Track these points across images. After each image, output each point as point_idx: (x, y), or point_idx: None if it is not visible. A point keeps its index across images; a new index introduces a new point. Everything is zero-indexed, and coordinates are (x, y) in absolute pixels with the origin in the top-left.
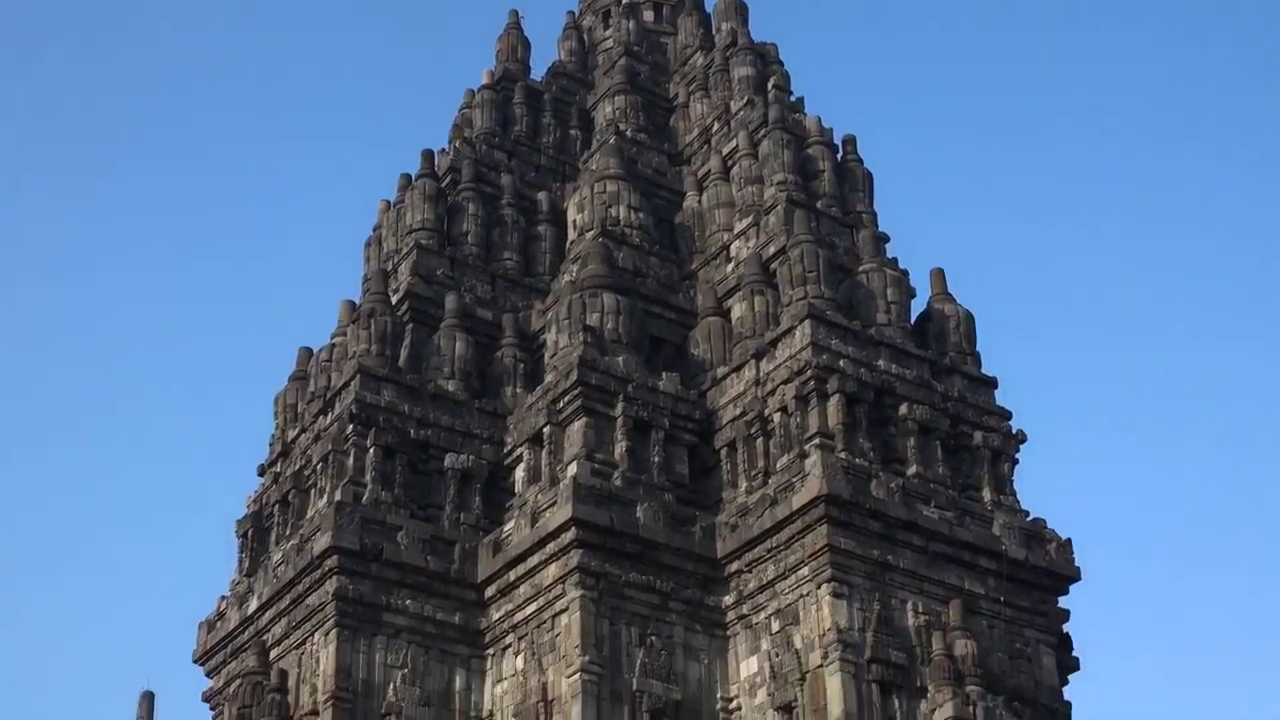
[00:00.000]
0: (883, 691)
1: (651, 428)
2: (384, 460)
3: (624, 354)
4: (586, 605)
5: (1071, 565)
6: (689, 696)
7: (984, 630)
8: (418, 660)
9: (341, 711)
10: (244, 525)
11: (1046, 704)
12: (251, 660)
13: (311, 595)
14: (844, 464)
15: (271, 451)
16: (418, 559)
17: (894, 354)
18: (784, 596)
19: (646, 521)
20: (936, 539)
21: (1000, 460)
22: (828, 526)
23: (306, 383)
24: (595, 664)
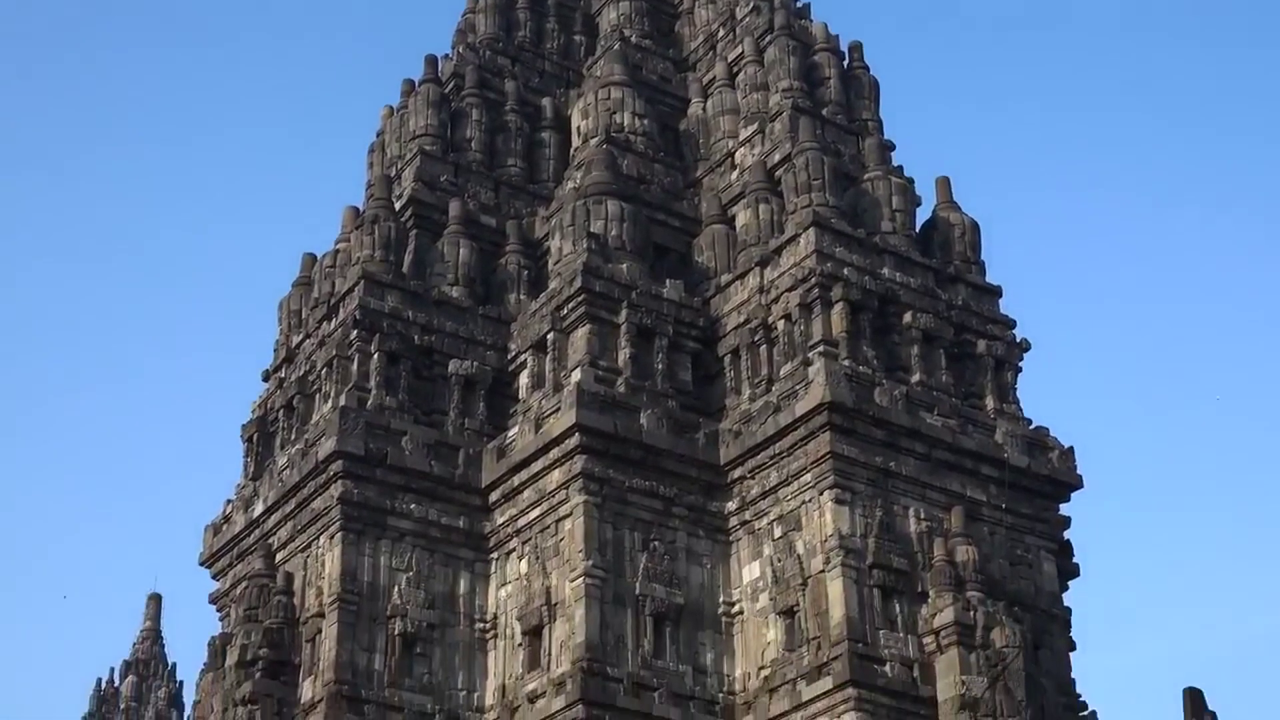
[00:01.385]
0: (884, 596)
1: (655, 335)
2: (388, 366)
3: (628, 261)
4: (590, 510)
5: (1073, 473)
6: (691, 600)
7: (985, 537)
8: (422, 564)
9: (347, 613)
10: (249, 430)
11: (1046, 609)
12: (257, 563)
13: (316, 499)
14: (847, 371)
15: (276, 357)
16: (422, 464)
17: (898, 262)
18: (786, 502)
19: (650, 428)
20: (939, 446)
21: (1003, 368)
22: (831, 433)
23: (310, 288)
24: (598, 568)
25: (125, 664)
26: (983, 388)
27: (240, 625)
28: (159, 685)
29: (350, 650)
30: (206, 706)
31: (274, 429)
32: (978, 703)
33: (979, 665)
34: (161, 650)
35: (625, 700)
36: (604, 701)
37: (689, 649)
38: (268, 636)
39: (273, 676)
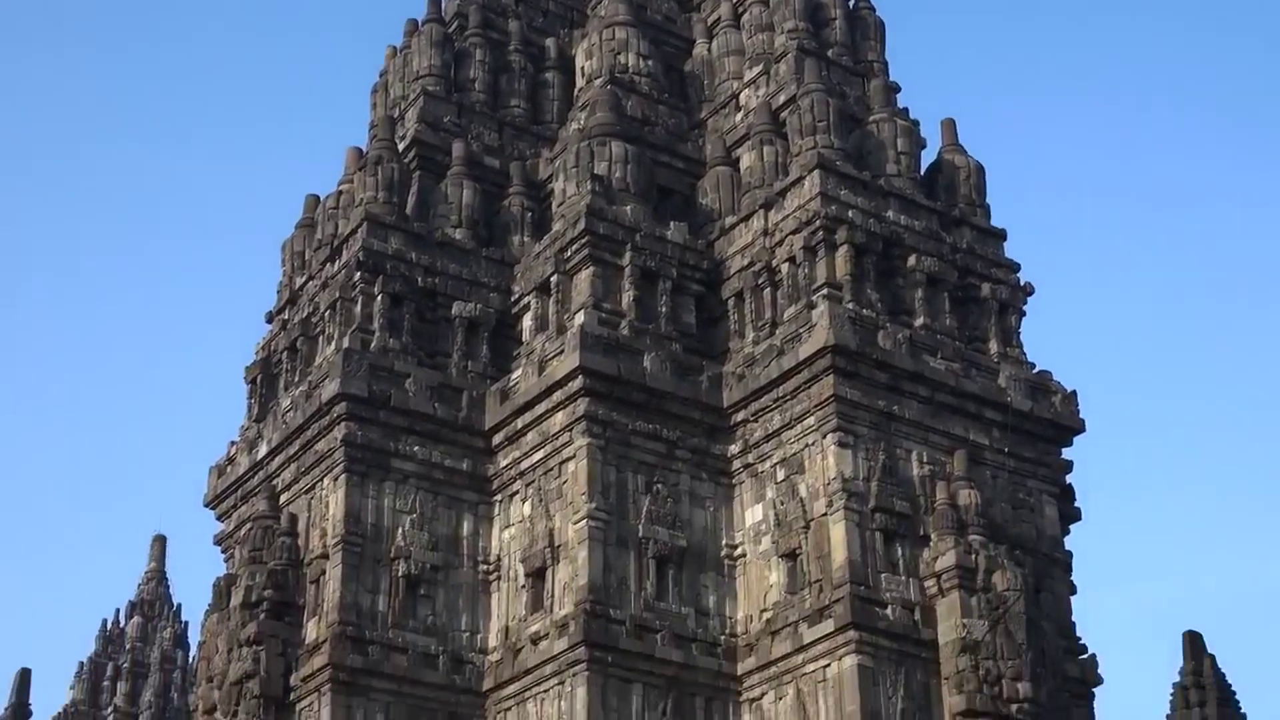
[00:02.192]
0: (886, 539)
1: (659, 277)
2: (391, 308)
3: (632, 203)
4: (593, 453)
5: (1076, 417)
6: (694, 543)
7: (987, 480)
8: (426, 506)
9: (351, 555)
10: (253, 371)
11: (1048, 553)
12: (262, 504)
13: (320, 441)
14: (851, 315)
15: (279, 298)
16: (425, 406)
17: (903, 205)
18: (789, 446)
19: (653, 370)
20: (942, 390)
21: (1007, 312)
22: (834, 376)
23: (314, 230)
24: (602, 510)
25: (130, 605)
26: (986, 331)
27: (245, 566)
28: (164, 626)
29: (354, 591)
30: (211, 647)
31: (277, 371)
32: (978, 645)
33: (980, 608)
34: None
35: (627, 642)
36: (606, 643)
37: (691, 591)
38: (272, 578)
39: (277, 617)
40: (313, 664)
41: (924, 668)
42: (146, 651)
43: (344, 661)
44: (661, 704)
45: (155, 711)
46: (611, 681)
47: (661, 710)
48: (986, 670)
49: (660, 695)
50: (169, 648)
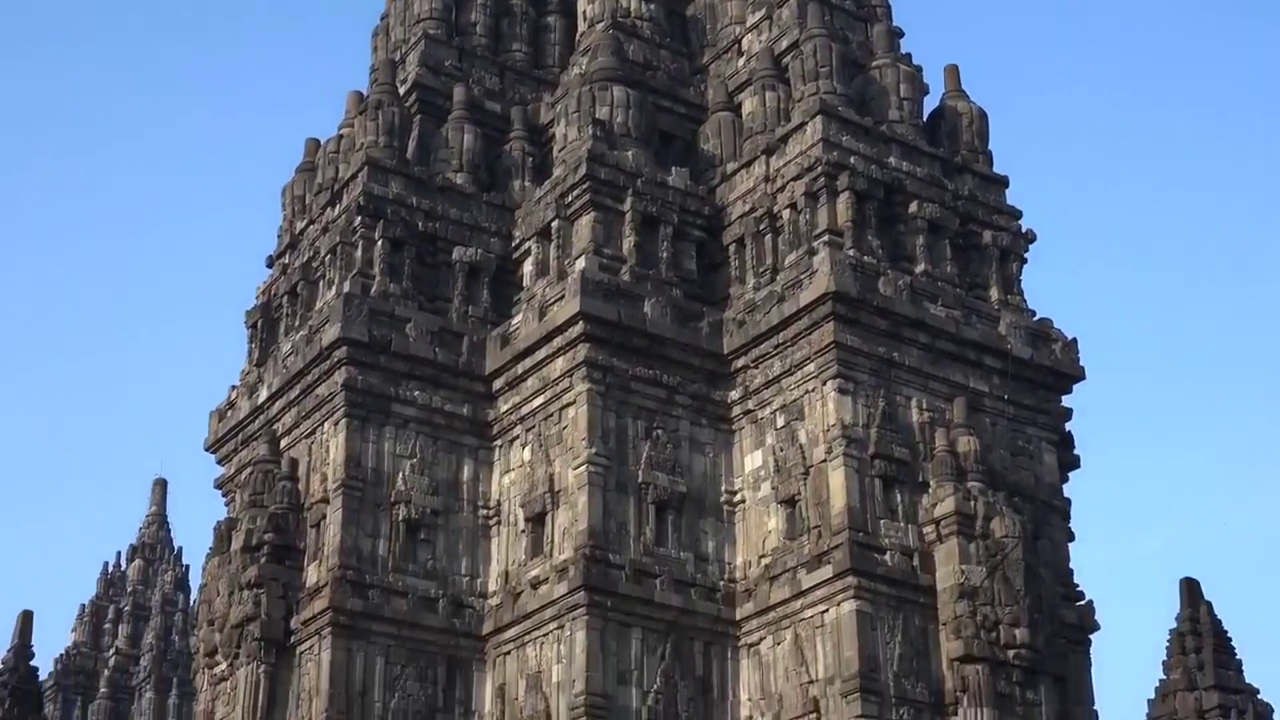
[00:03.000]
0: (885, 486)
1: (660, 223)
2: (392, 252)
3: (633, 148)
4: (593, 398)
5: (1075, 364)
6: (694, 489)
7: (987, 427)
8: (426, 450)
9: (351, 499)
10: (253, 316)
11: (1046, 500)
12: (262, 449)
13: (321, 385)
14: (852, 261)
15: (280, 243)
16: (426, 351)
17: (905, 151)
18: (789, 392)
19: (654, 316)
20: (943, 337)
21: (1009, 259)
22: (834, 323)
23: (314, 174)
24: (601, 456)
25: (132, 548)
26: (987, 278)
27: (245, 510)
28: (165, 569)
29: (354, 535)
30: (212, 590)
31: (278, 315)
32: (976, 591)
33: (978, 555)
34: (167, 535)
35: (627, 587)
36: (606, 588)
37: (690, 537)
38: (272, 521)
39: (278, 561)
40: (313, 607)
41: (922, 613)
42: (147, 594)
43: (344, 605)
44: (660, 648)
45: (156, 654)
46: (610, 626)
47: (660, 654)
48: (984, 616)
49: (659, 640)
50: (170, 591)
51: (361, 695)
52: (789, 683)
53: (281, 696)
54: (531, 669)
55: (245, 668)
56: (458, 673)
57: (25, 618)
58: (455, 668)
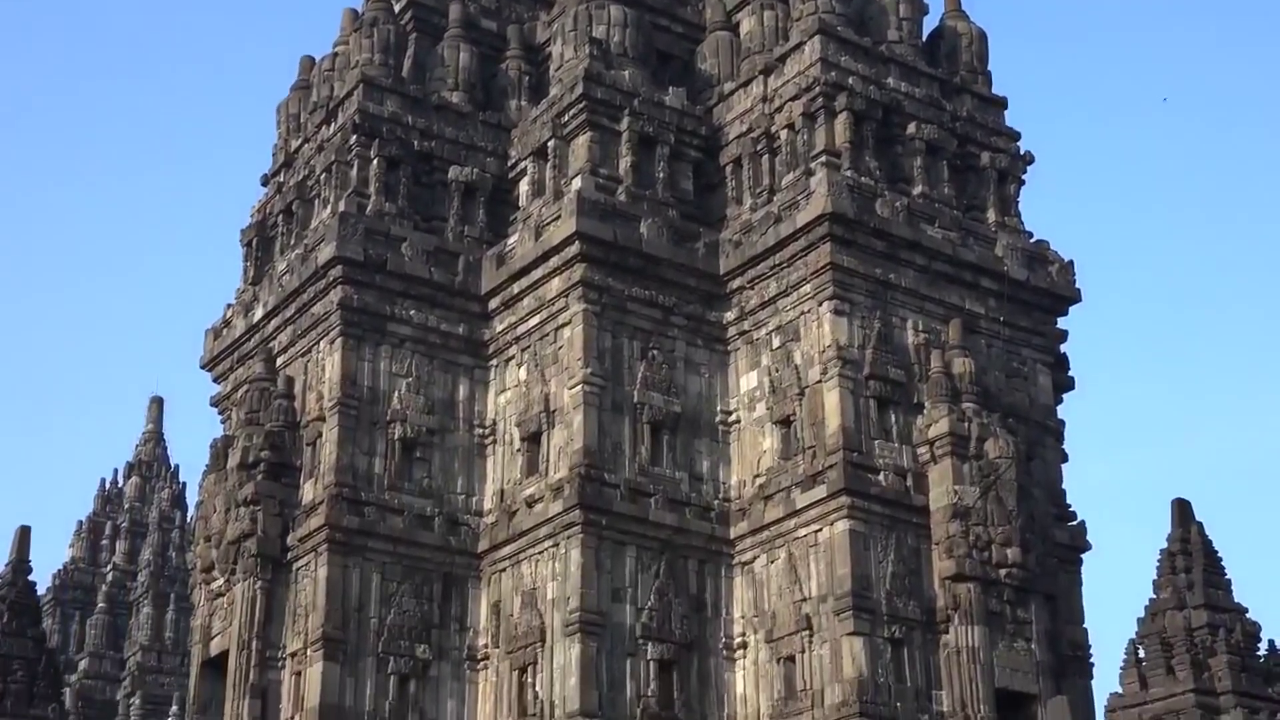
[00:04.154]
0: (880, 407)
1: (657, 143)
2: (387, 171)
3: (630, 68)
4: (589, 318)
5: (1072, 287)
6: (689, 409)
7: (982, 349)
8: (422, 369)
9: (347, 418)
10: (249, 234)
11: (1040, 421)
12: (258, 367)
13: (316, 304)
14: (849, 182)
15: (275, 161)
16: (421, 270)
17: (904, 71)
18: (785, 313)
19: (650, 237)
20: (939, 258)
21: (1006, 181)
22: (831, 244)
23: (309, 92)
24: (597, 376)
25: (129, 465)
26: (984, 200)
27: (242, 428)
28: (162, 486)
29: (350, 454)
30: (209, 507)
31: (273, 234)
32: (969, 512)
33: (972, 475)
34: (164, 452)
35: (622, 505)
36: (601, 506)
37: (685, 456)
38: (269, 439)
39: (274, 478)
40: (309, 524)
41: (915, 533)
42: (144, 511)
43: (340, 522)
44: (655, 566)
45: (154, 569)
46: (605, 544)
47: (655, 572)
48: (976, 536)
49: (654, 558)
50: (167, 508)
51: (358, 611)
52: (782, 600)
53: (278, 612)
54: (527, 586)
55: (242, 584)
56: (453, 589)
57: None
58: (451, 584)
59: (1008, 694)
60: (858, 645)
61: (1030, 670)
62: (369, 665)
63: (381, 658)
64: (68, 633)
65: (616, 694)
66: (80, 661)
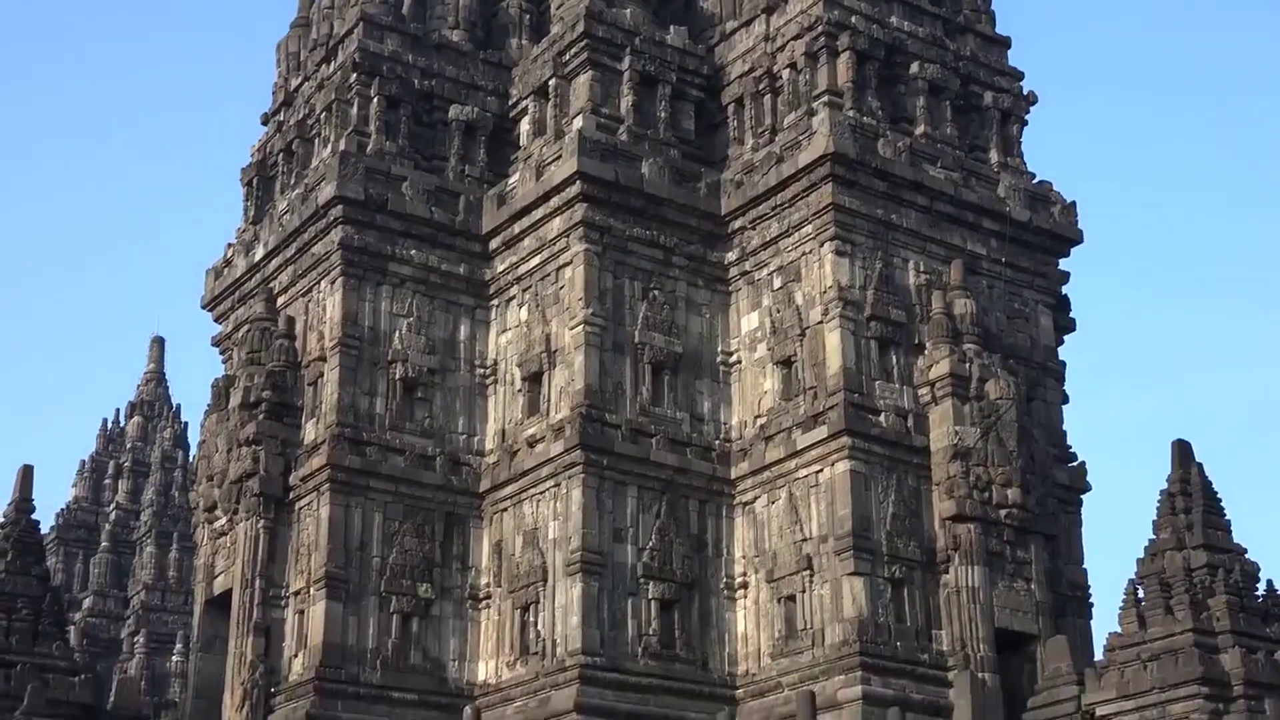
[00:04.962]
0: (881, 348)
1: (658, 82)
2: (388, 110)
3: (632, 6)
4: (590, 258)
5: (1074, 227)
6: (690, 349)
7: (983, 290)
8: (423, 309)
9: (348, 357)
10: (248, 173)
11: (1041, 363)
12: (259, 307)
13: (317, 244)
14: (852, 122)
15: (275, 100)
16: (422, 210)
17: (907, 11)
18: (787, 254)
19: (651, 176)
20: (941, 199)
21: (1009, 121)
22: (833, 185)
23: (309, 30)
24: (598, 316)
25: (130, 405)
26: (987, 141)
27: (243, 368)
28: (164, 426)
29: (351, 394)
30: (211, 446)
31: (273, 173)
32: (970, 452)
33: (972, 416)
34: (166, 392)
35: (623, 446)
36: (602, 446)
37: (686, 397)
38: (270, 379)
39: (276, 418)
40: (311, 464)
41: (915, 474)
42: (147, 451)
43: (342, 462)
44: (656, 506)
45: (156, 509)
46: (606, 484)
47: (656, 512)
48: (977, 476)
49: (655, 498)
50: (169, 447)
51: (360, 550)
52: (783, 541)
53: (281, 551)
54: (528, 525)
55: (245, 523)
56: (455, 529)
57: (25, 472)
58: (453, 524)
59: (1007, 633)
60: (858, 585)
61: (1030, 610)
62: (371, 604)
63: (384, 596)
64: (72, 571)
65: (618, 633)
66: (84, 600)
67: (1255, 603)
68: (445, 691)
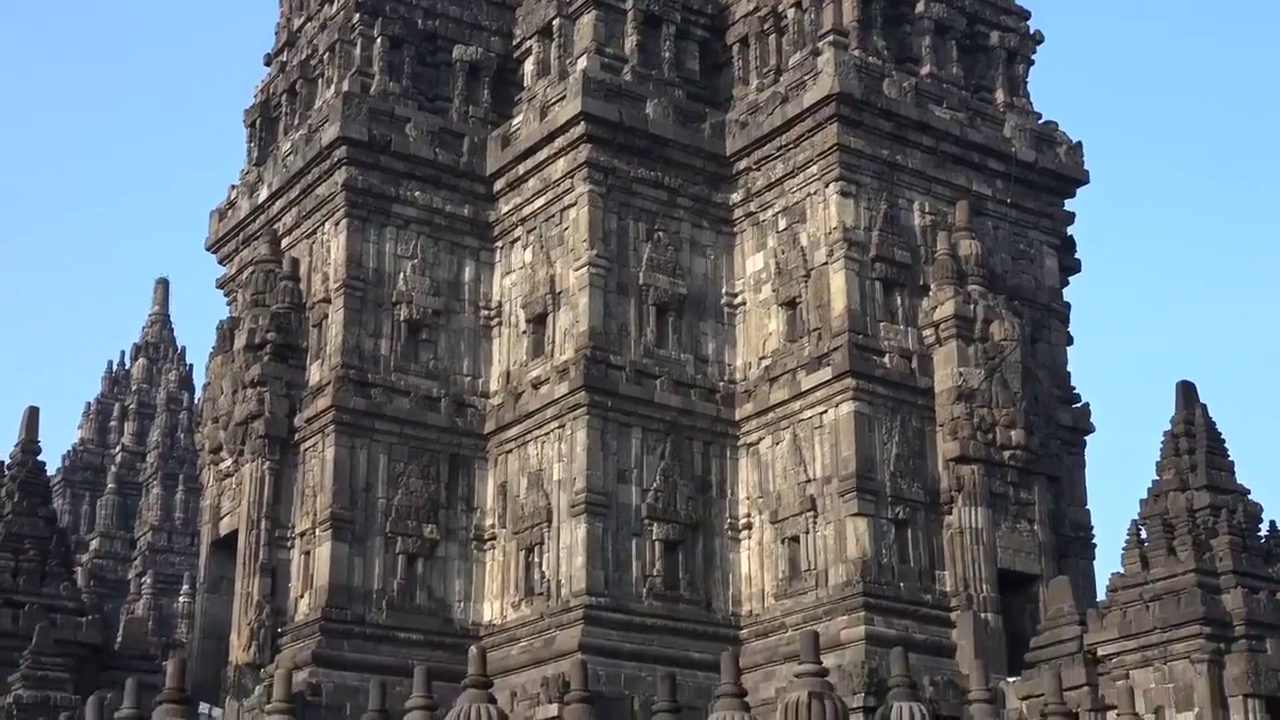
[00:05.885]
0: (885, 289)
1: (662, 22)
2: (391, 50)
3: None
4: (594, 200)
5: (1080, 168)
6: (694, 291)
7: (988, 231)
8: (427, 251)
9: (353, 299)
10: (252, 115)
11: (1045, 304)
12: (263, 248)
13: (321, 185)
14: (857, 62)
15: (278, 40)
16: (426, 151)
17: None
18: (791, 195)
19: (656, 117)
20: (947, 140)
21: (1015, 61)
22: (838, 125)
23: None
24: (602, 257)
25: (135, 347)
26: (993, 80)
27: (247, 309)
28: (169, 368)
29: (356, 335)
30: (216, 388)
31: (277, 114)
32: (974, 394)
33: (977, 357)
34: (170, 334)
35: (627, 387)
36: (606, 388)
37: (691, 338)
38: (275, 320)
39: (280, 359)
40: (316, 405)
41: (919, 415)
42: (152, 393)
43: (347, 403)
44: (660, 447)
45: (162, 450)
46: (611, 425)
47: (660, 454)
48: (981, 418)
49: (659, 439)
50: (174, 389)
51: (365, 491)
52: (787, 482)
53: (286, 492)
54: (533, 467)
55: (250, 464)
56: (460, 470)
57: (31, 414)
58: (458, 465)
59: (1010, 574)
60: (861, 526)
61: (1033, 551)
62: (377, 545)
63: (389, 537)
64: (78, 513)
65: (622, 573)
66: (91, 541)
67: (1257, 543)
68: (450, 632)
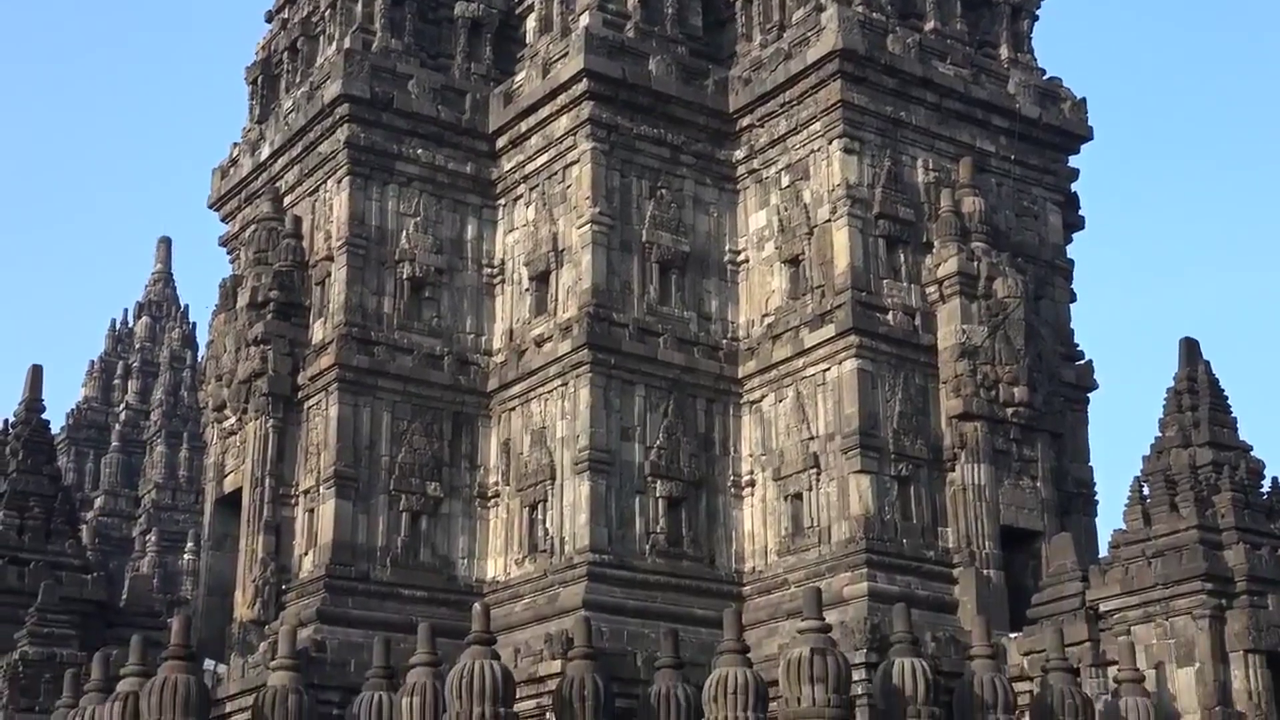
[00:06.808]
0: (889, 246)
1: None
2: (392, 7)
3: None
4: (597, 157)
5: (1084, 124)
6: (697, 248)
7: (992, 188)
8: (430, 208)
9: (355, 257)
10: (253, 72)
11: (1049, 261)
12: (266, 206)
13: (323, 143)
14: (860, 18)
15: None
16: (428, 108)
17: None
18: (795, 151)
19: (659, 74)
20: (951, 96)
21: (1020, 17)
22: (841, 81)
23: None
24: (605, 215)
25: (139, 305)
26: (997, 36)
27: (250, 268)
28: (172, 326)
29: (359, 293)
30: (219, 346)
31: (278, 71)
32: (977, 351)
33: (980, 314)
34: (173, 292)
35: (630, 345)
36: (609, 345)
37: (694, 296)
38: (277, 279)
39: (283, 317)
40: (319, 364)
41: (923, 372)
42: (155, 351)
43: (350, 361)
44: (663, 405)
45: (166, 408)
46: (614, 383)
47: (663, 411)
48: (984, 375)
49: (662, 397)
50: (178, 348)
51: (369, 449)
52: (790, 439)
53: (290, 450)
54: (536, 424)
55: (254, 422)
56: (463, 428)
57: (35, 372)
58: (461, 423)
59: (1013, 531)
60: (865, 483)
61: (1035, 508)
62: (381, 502)
63: (393, 495)
64: (83, 471)
65: (626, 530)
66: (96, 499)
67: (1260, 500)
68: (454, 589)
